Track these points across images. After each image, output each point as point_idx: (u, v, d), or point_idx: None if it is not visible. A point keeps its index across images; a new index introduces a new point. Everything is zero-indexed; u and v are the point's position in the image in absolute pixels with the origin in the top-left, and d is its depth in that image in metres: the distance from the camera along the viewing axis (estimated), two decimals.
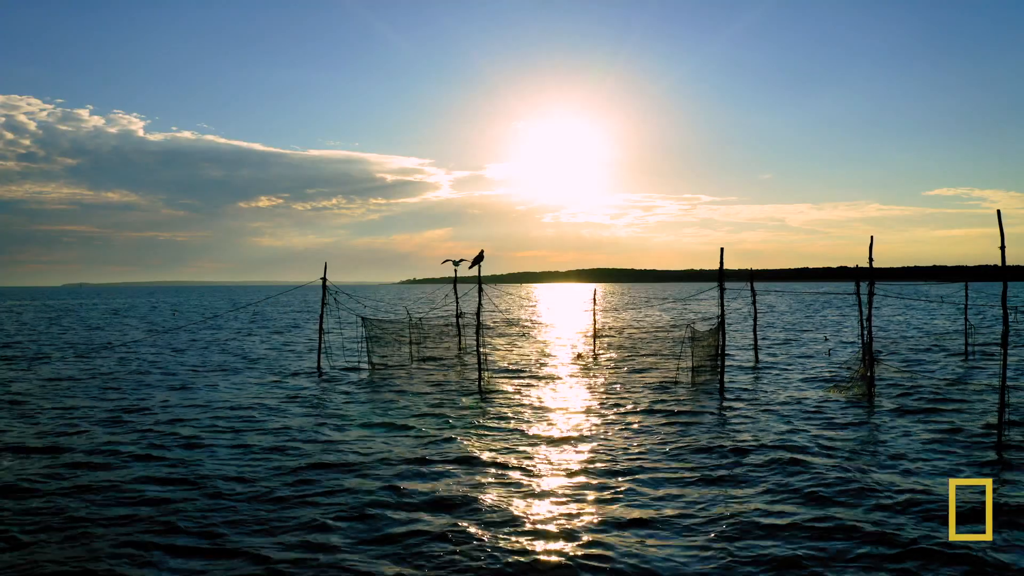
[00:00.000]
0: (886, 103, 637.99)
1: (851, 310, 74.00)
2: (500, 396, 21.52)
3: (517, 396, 21.51)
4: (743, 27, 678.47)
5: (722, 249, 22.86)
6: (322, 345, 28.58)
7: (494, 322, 55.51)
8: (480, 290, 24.33)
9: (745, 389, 22.61)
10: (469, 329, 36.72)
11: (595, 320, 36.67)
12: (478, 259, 24.47)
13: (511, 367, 28.53)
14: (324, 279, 27.65)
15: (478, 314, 24.07)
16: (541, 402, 20.49)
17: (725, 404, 20.01)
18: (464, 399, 20.90)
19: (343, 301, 28.64)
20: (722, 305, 22.77)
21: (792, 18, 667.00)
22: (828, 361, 29.86)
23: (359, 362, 29.12)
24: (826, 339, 41.53)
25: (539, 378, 25.48)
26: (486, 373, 23.76)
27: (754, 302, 31.13)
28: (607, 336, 41.66)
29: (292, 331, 52.32)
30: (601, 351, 33.61)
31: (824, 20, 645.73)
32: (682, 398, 20.85)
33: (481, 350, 23.65)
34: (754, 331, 32.04)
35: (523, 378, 25.36)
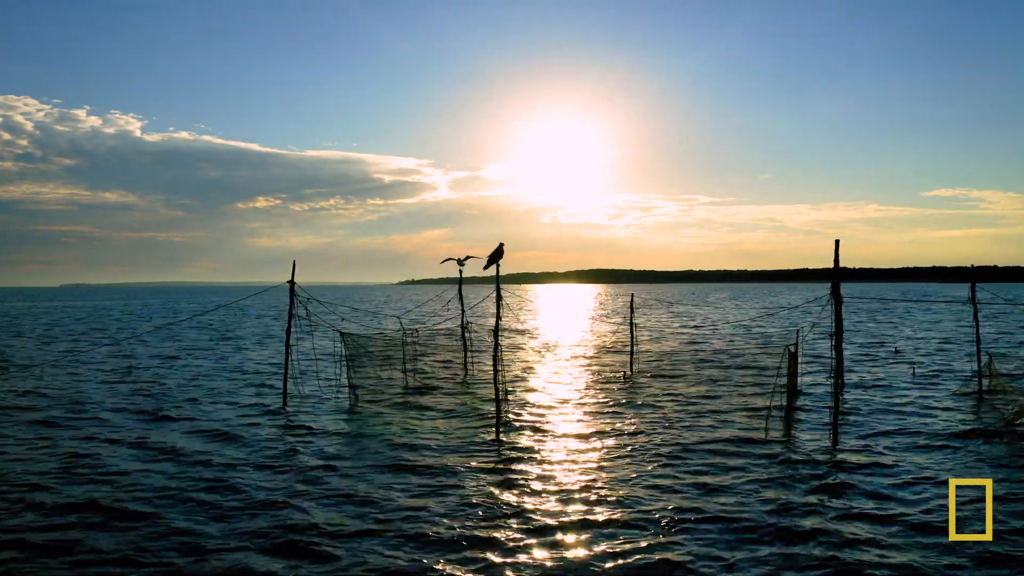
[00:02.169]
0: (885, 103, 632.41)
1: (885, 316, 67.03)
2: (525, 455, 14.83)
3: (547, 452, 14.86)
4: (742, 27, 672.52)
5: (837, 241, 16.81)
6: (288, 369, 21.61)
7: (503, 331, 48.76)
8: (499, 298, 17.57)
9: (868, 445, 15.99)
10: (476, 341, 30.09)
11: (633, 335, 29.37)
12: (495, 256, 17.68)
13: (533, 402, 21.79)
14: (292, 282, 20.96)
15: (496, 331, 17.37)
16: (580, 471, 13.79)
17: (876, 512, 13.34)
18: (474, 462, 14.21)
19: (318, 310, 21.87)
20: (839, 318, 16.37)
21: (792, 18, 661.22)
22: (947, 393, 23.20)
23: (337, 392, 22.43)
24: (896, 351, 35.23)
25: (568, 427, 18.73)
26: (504, 421, 17.13)
27: (838, 312, 24.38)
28: (644, 354, 34.29)
29: (259, 346, 45.73)
30: (642, 377, 26.59)
31: (824, 20, 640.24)
32: (787, 475, 14.20)
33: (498, 378, 16.95)
34: (838, 351, 25.15)
35: (552, 422, 18.56)
